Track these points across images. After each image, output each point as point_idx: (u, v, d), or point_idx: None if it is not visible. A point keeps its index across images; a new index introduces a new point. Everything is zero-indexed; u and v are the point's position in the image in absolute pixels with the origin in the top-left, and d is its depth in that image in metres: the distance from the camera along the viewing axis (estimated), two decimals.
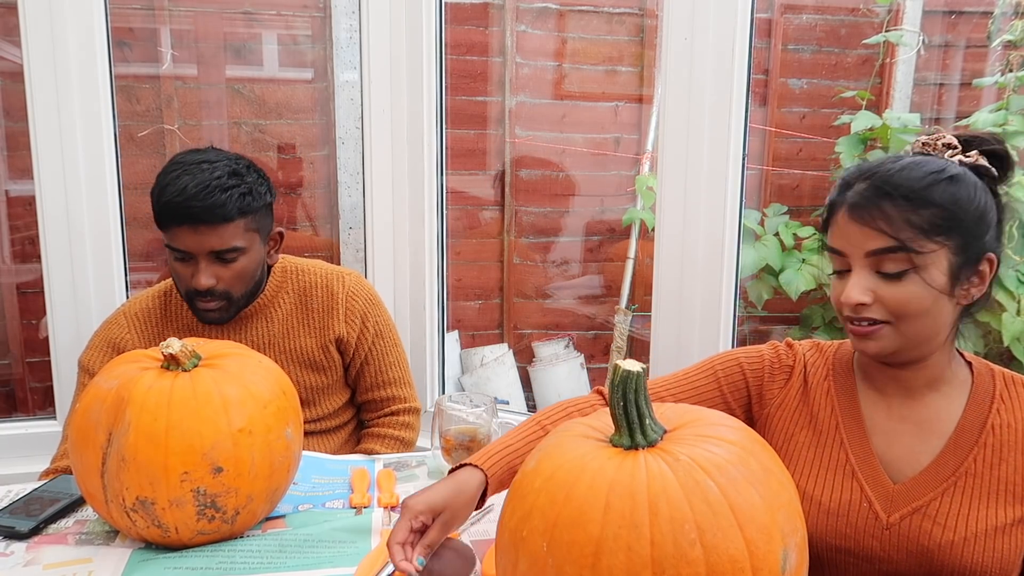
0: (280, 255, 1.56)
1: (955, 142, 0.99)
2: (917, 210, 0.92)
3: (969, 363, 1.04)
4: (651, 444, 0.79)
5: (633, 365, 0.79)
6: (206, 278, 1.35)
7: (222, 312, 1.41)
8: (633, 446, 0.78)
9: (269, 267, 1.53)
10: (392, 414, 1.60)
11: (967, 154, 0.98)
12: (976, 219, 0.94)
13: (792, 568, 0.75)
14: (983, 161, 0.97)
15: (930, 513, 0.97)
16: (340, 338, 1.52)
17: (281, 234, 1.50)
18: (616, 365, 0.79)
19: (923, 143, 1.01)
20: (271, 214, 1.46)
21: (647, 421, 0.79)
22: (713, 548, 0.70)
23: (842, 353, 1.11)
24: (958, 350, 1.04)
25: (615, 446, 0.80)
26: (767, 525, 0.73)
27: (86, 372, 1.48)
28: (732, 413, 1.12)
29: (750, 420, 1.13)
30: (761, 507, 0.73)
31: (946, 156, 0.98)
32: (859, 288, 0.94)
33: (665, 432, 0.81)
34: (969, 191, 0.94)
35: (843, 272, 0.98)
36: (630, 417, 0.78)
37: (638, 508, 0.71)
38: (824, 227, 1.02)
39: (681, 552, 0.69)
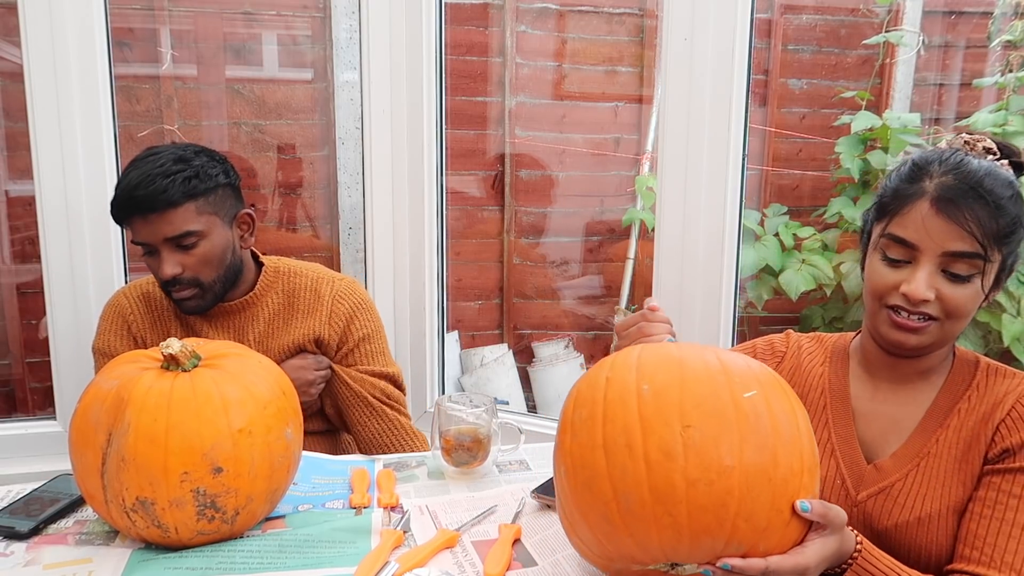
0: (277, 258, 1.56)
1: (995, 148, 0.99)
2: (997, 218, 0.92)
3: (955, 352, 1.05)
4: None
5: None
6: (169, 267, 1.35)
7: (197, 299, 1.41)
8: None
9: (256, 259, 1.52)
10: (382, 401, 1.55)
11: (1000, 162, 0.98)
12: (1021, 235, 0.96)
13: (812, 430, 0.87)
14: (1011, 172, 0.98)
15: (893, 494, 1.00)
16: (319, 339, 1.49)
17: (251, 215, 1.47)
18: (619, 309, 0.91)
19: (964, 141, 1.00)
20: (234, 196, 1.43)
21: None
22: (763, 372, 0.86)
23: (841, 343, 1.13)
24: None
25: None
26: (797, 398, 0.87)
27: (102, 355, 1.49)
28: None
29: None
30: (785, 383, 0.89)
31: (987, 160, 0.98)
32: (927, 285, 0.94)
33: None
34: (1021, 208, 0.96)
35: (899, 262, 0.97)
36: None
37: (703, 348, 0.88)
38: (882, 212, 1.00)
39: (741, 368, 0.85)
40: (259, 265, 1.53)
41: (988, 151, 0.99)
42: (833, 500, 1.03)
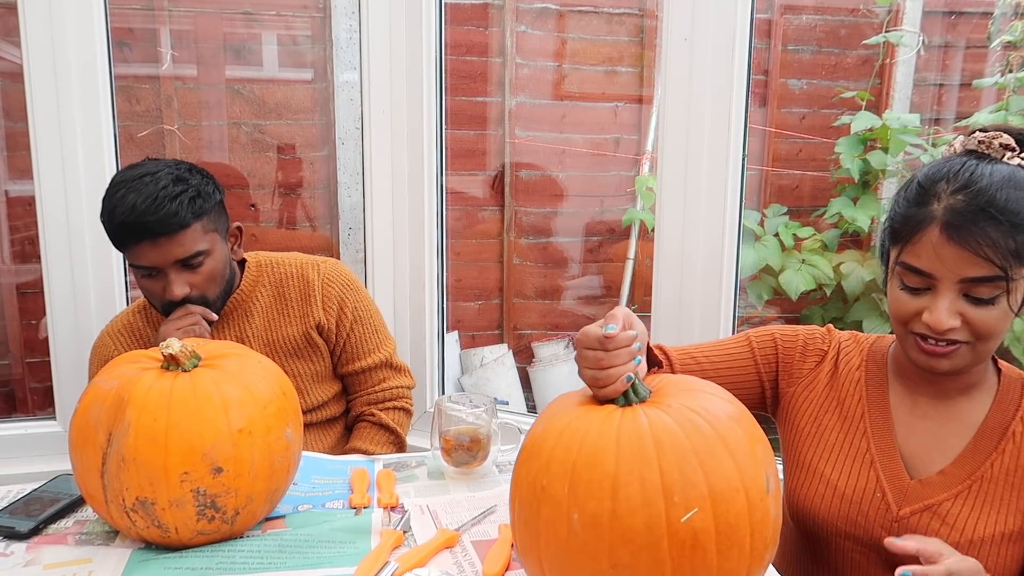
0: (255, 252, 1.57)
1: (1013, 143, 0.93)
2: (1014, 236, 0.87)
3: (999, 369, 1.02)
4: (642, 401, 0.86)
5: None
6: (179, 288, 1.35)
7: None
8: (627, 404, 0.86)
9: (241, 264, 1.54)
10: (381, 401, 1.59)
11: (1020, 157, 0.93)
12: None
13: (773, 491, 0.83)
14: None
15: (940, 513, 0.97)
16: (320, 324, 1.52)
17: (240, 228, 1.50)
18: None
19: (979, 141, 0.95)
20: (224, 211, 1.45)
21: (636, 383, 0.87)
22: (712, 472, 0.79)
23: (879, 346, 1.10)
24: (993, 357, 1.03)
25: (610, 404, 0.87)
26: (751, 453, 0.82)
27: None
28: (761, 385, 1.14)
29: (776, 395, 1.14)
30: (744, 439, 0.83)
31: (1005, 158, 0.93)
32: (949, 313, 0.90)
33: (651, 391, 0.89)
34: None
35: (919, 290, 0.93)
36: None
37: (645, 445, 0.79)
38: (895, 238, 0.96)
39: (686, 478, 0.78)
40: (240, 263, 1.54)
41: (1006, 147, 0.93)
42: (872, 514, 1.00)
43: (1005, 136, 0.93)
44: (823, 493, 1.03)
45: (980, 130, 0.96)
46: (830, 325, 1.16)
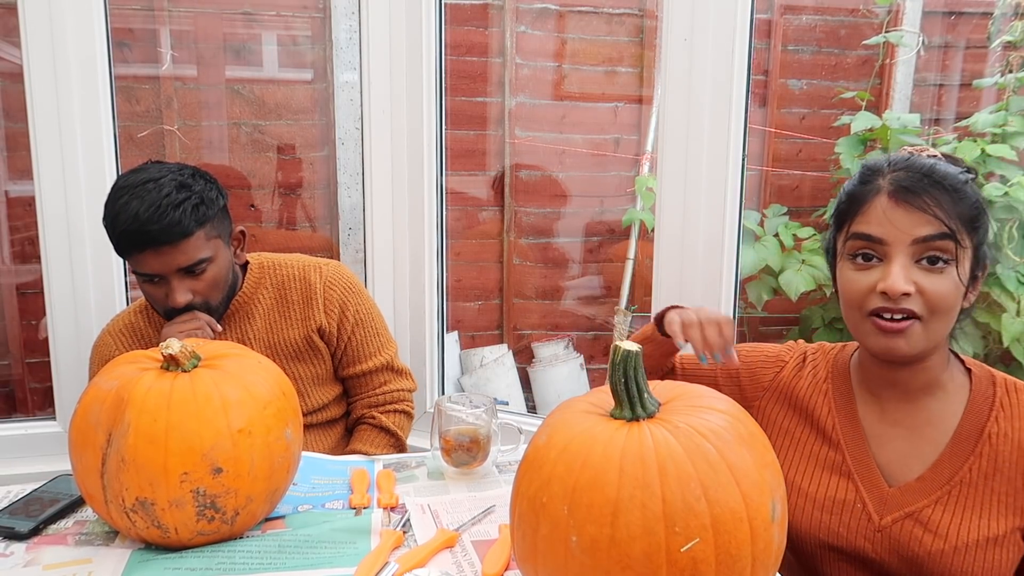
0: (258, 253, 1.57)
1: (939, 155, 1.00)
2: (958, 201, 0.93)
3: (968, 369, 1.03)
4: (650, 416, 0.85)
5: (631, 346, 0.85)
6: (181, 295, 1.34)
7: None
8: (635, 418, 0.84)
9: (244, 266, 1.53)
10: (382, 404, 1.59)
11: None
12: (987, 223, 0.96)
13: (779, 518, 0.82)
14: None
15: (922, 520, 0.97)
16: (321, 327, 1.52)
17: (243, 232, 1.49)
18: (616, 346, 0.85)
19: (909, 153, 1.01)
20: (228, 215, 1.44)
21: (645, 395, 0.85)
22: (716, 502, 0.77)
23: (842, 356, 1.11)
24: (957, 355, 1.04)
25: (617, 419, 0.85)
26: (758, 480, 0.80)
27: None
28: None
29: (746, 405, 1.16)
30: (752, 465, 0.81)
31: None
32: (903, 276, 0.92)
33: (660, 404, 0.87)
34: (981, 196, 0.96)
35: (868, 264, 0.96)
36: (631, 392, 0.84)
37: (649, 470, 0.78)
38: (842, 218, 1.00)
39: (689, 507, 0.76)
40: (243, 265, 1.53)
41: (933, 159, 1.00)
42: (854, 525, 1.00)
43: (932, 149, 1.01)
44: (803, 506, 1.03)
45: (910, 146, 1.04)
46: (801, 340, 1.19)
